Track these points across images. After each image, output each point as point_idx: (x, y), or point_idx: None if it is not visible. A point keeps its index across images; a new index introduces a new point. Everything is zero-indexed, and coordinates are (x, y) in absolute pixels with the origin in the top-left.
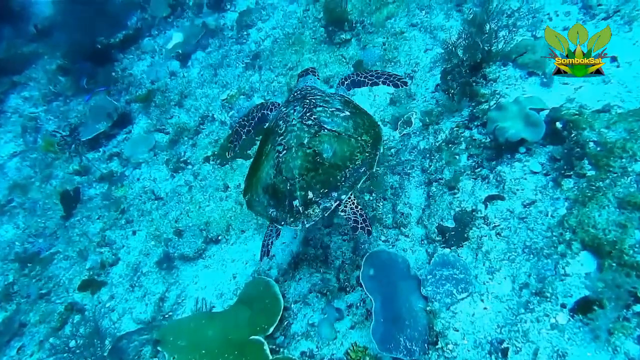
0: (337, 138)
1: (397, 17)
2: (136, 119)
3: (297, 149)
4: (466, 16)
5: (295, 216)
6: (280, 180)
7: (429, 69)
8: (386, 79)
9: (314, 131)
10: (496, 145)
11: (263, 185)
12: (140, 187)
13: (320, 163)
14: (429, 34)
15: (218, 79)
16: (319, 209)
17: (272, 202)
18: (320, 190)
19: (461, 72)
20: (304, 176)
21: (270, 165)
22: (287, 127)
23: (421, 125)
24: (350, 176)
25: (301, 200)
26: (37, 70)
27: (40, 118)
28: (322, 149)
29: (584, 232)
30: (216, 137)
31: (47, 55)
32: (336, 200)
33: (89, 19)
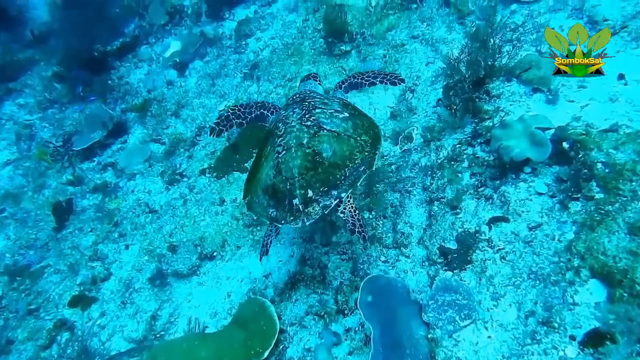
0: (336, 138)
1: (397, 29)
2: (132, 129)
3: (296, 149)
4: (468, 29)
5: (295, 215)
6: (279, 180)
7: (430, 82)
8: (383, 78)
9: (313, 131)
10: (500, 164)
11: (263, 187)
12: (134, 199)
13: (320, 162)
14: (430, 47)
15: (216, 89)
16: (319, 207)
17: (272, 202)
18: (320, 189)
19: (464, 87)
20: (304, 175)
21: (270, 166)
22: (286, 129)
23: (422, 141)
24: (350, 175)
25: (301, 198)
26: (32, 77)
27: (35, 125)
28: (322, 149)
29: (592, 258)
30: (213, 149)
31: (43, 61)
32: (336, 198)
33: (86, 26)
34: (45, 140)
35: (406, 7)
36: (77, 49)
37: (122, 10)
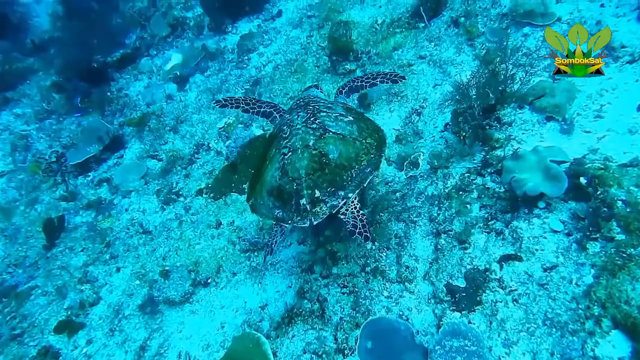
0: (342, 140)
1: (404, 48)
2: (129, 143)
3: (302, 151)
4: (478, 51)
5: (302, 214)
6: (286, 182)
7: (437, 105)
8: (382, 78)
9: (319, 134)
10: (511, 197)
11: (268, 189)
12: (128, 218)
13: (327, 163)
14: (438, 68)
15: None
16: (326, 207)
17: (278, 203)
18: (327, 189)
19: (473, 114)
20: (311, 176)
21: (275, 168)
22: (291, 131)
23: (429, 168)
24: (357, 176)
25: (308, 198)
26: (31, 87)
27: (31, 136)
28: (328, 150)
29: (614, 307)
30: (211, 168)
31: (42, 71)
32: (343, 198)
33: (87, 36)
34: (38, 156)
35: (413, 26)
36: (77, 59)
37: (124, 21)
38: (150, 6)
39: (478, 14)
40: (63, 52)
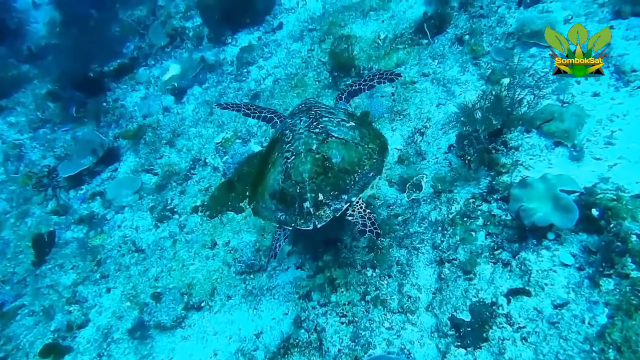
0: (344, 145)
1: (407, 65)
2: (124, 156)
3: (305, 154)
4: (483, 71)
5: (306, 217)
6: (289, 185)
7: (441, 125)
8: (379, 78)
9: (322, 138)
10: (519, 225)
11: (270, 192)
12: (120, 235)
13: (330, 167)
14: (442, 87)
15: (214, 118)
16: (329, 210)
17: (281, 206)
18: (331, 193)
19: (479, 137)
20: (314, 179)
21: (278, 171)
22: (294, 136)
23: (432, 192)
24: (360, 180)
25: (312, 201)
26: (26, 95)
27: (24, 146)
28: (331, 154)
29: (632, 352)
30: (207, 184)
31: (37, 79)
32: (346, 202)
33: (84, 44)
34: (29, 170)
35: (416, 42)
36: (73, 68)
37: (122, 30)
38: (150, 15)
39: (483, 32)
40: (59, 60)
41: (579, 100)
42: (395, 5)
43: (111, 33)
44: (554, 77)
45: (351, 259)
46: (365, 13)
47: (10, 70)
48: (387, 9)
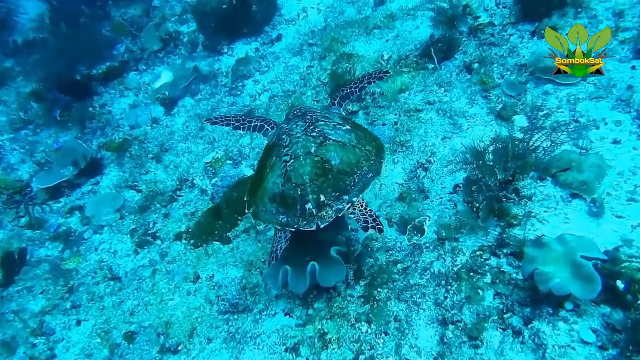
0: (342, 147)
1: (411, 91)
2: (107, 169)
3: (304, 157)
4: (493, 105)
5: (308, 219)
6: (289, 187)
7: (446, 162)
8: (369, 79)
9: (320, 141)
10: (531, 287)
11: (269, 195)
12: (96, 260)
13: (329, 169)
14: (448, 119)
15: (204, 133)
16: (331, 210)
17: (282, 209)
18: (332, 194)
19: (488, 184)
20: (315, 181)
21: (277, 174)
22: (291, 140)
23: (435, 238)
24: (359, 181)
25: (314, 203)
26: (9, 92)
27: (4, 147)
28: (330, 157)
29: None
30: (193, 208)
31: (21, 76)
32: (348, 202)
33: (73, 43)
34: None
35: (422, 67)
36: (60, 68)
37: (114, 29)
38: (144, 15)
39: (494, 62)
40: (46, 58)
41: (597, 147)
42: (400, 25)
43: (102, 32)
44: (570, 116)
45: (345, 309)
46: (368, 31)
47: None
48: (391, 28)
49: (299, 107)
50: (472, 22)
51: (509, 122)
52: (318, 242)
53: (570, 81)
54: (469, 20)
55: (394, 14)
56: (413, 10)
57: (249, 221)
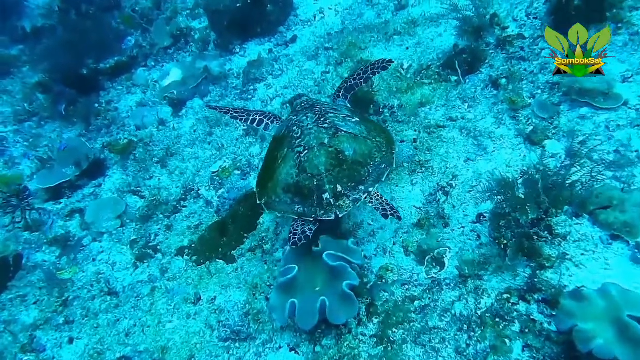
0: (354, 139)
1: (432, 106)
2: (110, 171)
3: (319, 148)
4: (522, 126)
5: (326, 208)
6: (305, 178)
7: (469, 187)
8: (373, 69)
9: (332, 132)
10: (567, 341)
11: (283, 186)
12: (93, 271)
13: (344, 160)
14: (472, 139)
15: (213, 139)
16: (349, 200)
17: (297, 199)
18: (348, 184)
19: (518, 220)
20: (331, 172)
21: (291, 166)
22: (303, 131)
23: (457, 275)
24: (373, 172)
25: (331, 193)
26: (15, 82)
27: (7, 140)
28: (344, 148)
29: None
30: (197, 221)
31: (28, 65)
32: (364, 192)
33: (81, 34)
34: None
35: (444, 79)
36: (67, 60)
37: (123, 23)
38: (155, 8)
39: (523, 78)
40: (54, 49)
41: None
42: (422, 32)
43: (111, 24)
44: (611, 146)
45: (356, 350)
46: (388, 37)
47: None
48: (413, 35)
49: (305, 101)
50: (500, 33)
51: (539, 147)
52: (329, 270)
53: (609, 105)
54: (497, 31)
55: (416, 20)
56: (436, 17)
57: (256, 239)
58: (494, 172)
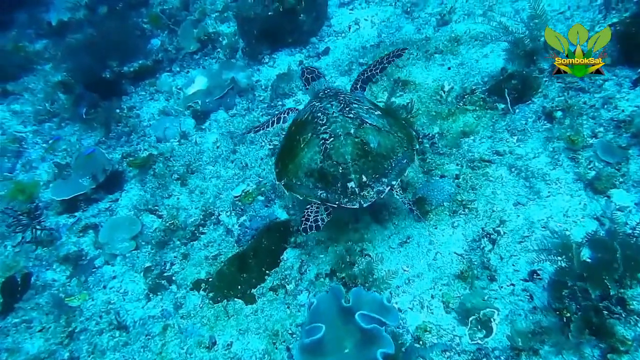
0: (378, 132)
1: (476, 136)
2: (128, 185)
3: (345, 137)
4: (582, 170)
5: (350, 197)
6: (329, 165)
7: (520, 237)
8: (388, 58)
9: (358, 123)
10: None
11: (305, 170)
12: (103, 300)
13: (368, 152)
14: (522, 180)
15: (236, 157)
16: (373, 191)
17: (320, 184)
18: (372, 175)
19: (586, 290)
20: (356, 161)
21: (315, 151)
22: (328, 118)
23: (507, 345)
24: (396, 166)
25: (356, 182)
26: (37, 80)
27: (26, 140)
28: (369, 140)
29: None
30: (216, 251)
31: (52, 63)
32: (387, 185)
33: (107, 32)
34: (5, 207)
35: (490, 106)
36: (91, 61)
37: (150, 23)
38: (182, 8)
39: (583, 113)
40: (78, 48)
41: None
42: (466, 51)
43: (138, 23)
44: None
45: None
46: (429, 55)
47: (24, 46)
48: (455, 54)
49: (328, 88)
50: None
51: (604, 197)
52: (361, 331)
53: None
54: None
55: (459, 38)
56: (482, 35)
57: (278, 277)
58: (549, 222)
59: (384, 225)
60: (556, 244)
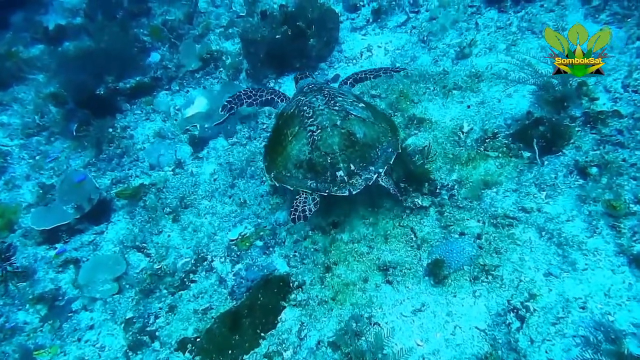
0: (363, 122)
1: (499, 188)
2: (115, 216)
3: (332, 129)
4: (626, 242)
5: (340, 185)
6: (318, 155)
7: (554, 317)
8: (385, 70)
9: (343, 115)
10: None
11: (295, 162)
12: (76, 356)
13: (355, 142)
14: (554, 246)
15: (234, 192)
16: (361, 179)
17: (310, 175)
18: (360, 164)
19: None
20: (344, 151)
21: (303, 143)
22: (314, 111)
23: None
24: (382, 155)
25: (345, 171)
26: (28, 90)
27: (11, 155)
28: (355, 130)
29: None
30: (207, 303)
31: (45, 72)
32: (375, 172)
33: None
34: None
35: (514, 153)
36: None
37: (151, 34)
38: (186, 21)
39: (623, 172)
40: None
41: None
42: (487, 88)
43: (137, 35)
44: None
45: None
46: (447, 90)
47: (18, 51)
48: (476, 91)
49: (313, 83)
50: (588, 105)
51: None
52: None
53: None
54: (585, 103)
55: (480, 74)
56: (505, 72)
57: (274, 341)
58: (589, 302)
59: (396, 288)
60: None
